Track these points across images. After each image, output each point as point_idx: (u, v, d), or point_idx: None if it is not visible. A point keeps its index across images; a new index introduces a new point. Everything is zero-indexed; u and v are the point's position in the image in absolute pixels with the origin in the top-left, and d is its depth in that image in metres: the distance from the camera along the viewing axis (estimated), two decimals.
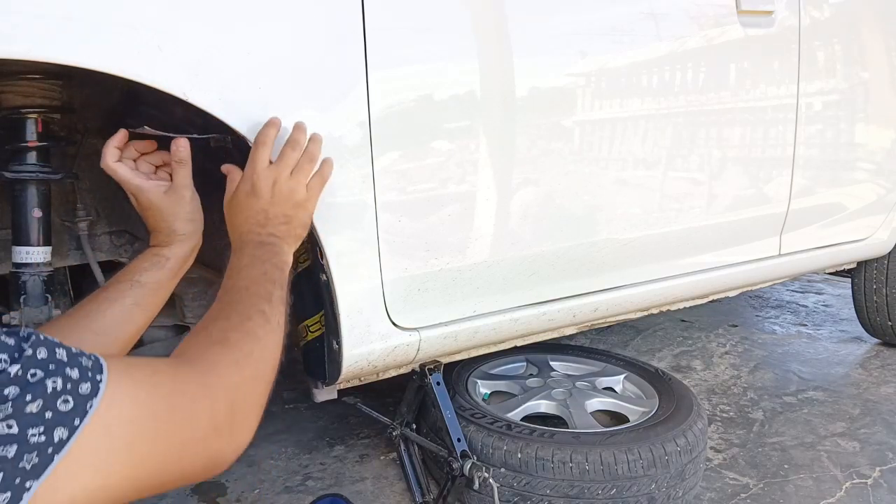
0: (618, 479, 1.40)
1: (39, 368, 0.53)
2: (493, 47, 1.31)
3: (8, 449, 0.50)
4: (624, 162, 1.55)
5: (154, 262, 0.98)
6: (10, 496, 0.51)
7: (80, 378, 0.56)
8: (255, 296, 0.85)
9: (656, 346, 2.69)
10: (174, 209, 0.99)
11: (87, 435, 0.55)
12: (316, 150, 1.05)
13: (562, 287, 1.56)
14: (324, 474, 1.76)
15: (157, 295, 0.98)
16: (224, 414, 0.69)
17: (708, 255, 1.83)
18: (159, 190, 0.99)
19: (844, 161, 2.06)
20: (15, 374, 0.52)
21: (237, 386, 0.72)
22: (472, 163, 1.32)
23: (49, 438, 0.53)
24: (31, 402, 0.52)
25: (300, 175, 1.01)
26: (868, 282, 2.51)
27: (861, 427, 2.01)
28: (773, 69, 1.79)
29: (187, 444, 0.65)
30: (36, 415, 0.52)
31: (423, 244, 1.32)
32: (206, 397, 0.67)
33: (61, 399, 0.53)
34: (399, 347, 1.35)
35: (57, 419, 0.53)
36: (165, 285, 1.00)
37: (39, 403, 0.52)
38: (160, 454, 0.62)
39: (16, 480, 0.51)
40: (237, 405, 0.71)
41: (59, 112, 1.13)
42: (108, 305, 0.93)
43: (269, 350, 0.81)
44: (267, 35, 1.06)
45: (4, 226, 1.20)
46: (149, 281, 0.97)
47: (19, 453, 0.51)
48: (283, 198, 0.99)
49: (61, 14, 0.86)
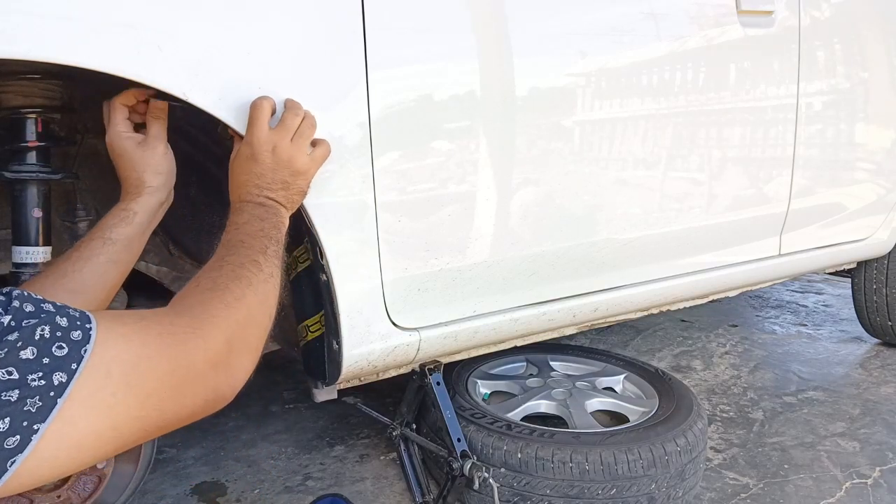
0: (618, 479, 1.40)
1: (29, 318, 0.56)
2: (493, 47, 1.31)
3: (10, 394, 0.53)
4: (624, 162, 1.55)
5: (122, 217, 1.00)
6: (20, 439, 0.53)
7: (70, 326, 0.58)
8: (249, 248, 0.87)
9: (656, 346, 2.69)
10: (145, 160, 1.01)
11: (85, 377, 0.57)
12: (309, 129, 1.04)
13: (562, 287, 1.56)
14: (324, 474, 1.76)
15: (129, 251, 1.00)
16: (220, 351, 0.71)
17: (708, 255, 1.83)
18: (134, 140, 1.01)
19: (844, 161, 2.06)
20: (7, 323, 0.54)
21: (230, 325, 0.74)
22: (472, 163, 1.32)
23: (49, 382, 0.55)
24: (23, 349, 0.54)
25: (301, 141, 1.01)
26: (868, 282, 2.51)
27: (861, 427, 2.01)
28: (773, 69, 1.79)
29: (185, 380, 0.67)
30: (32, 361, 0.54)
31: (423, 244, 1.32)
32: (197, 336, 0.69)
33: (55, 346, 0.56)
34: (399, 347, 1.35)
35: (54, 364, 0.55)
36: (136, 240, 1.01)
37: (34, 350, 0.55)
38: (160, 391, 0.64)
39: (23, 423, 0.53)
40: (233, 343, 0.73)
41: (59, 112, 1.13)
42: (82, 264, 0.94)
43: (262, 295, 0.82)
44: (267, 35, 1.06)
45: (4, 226, 1.20)
46: (119, 237, 0.98)
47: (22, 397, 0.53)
48: (283, 164, 0.98)
49: (61, 14, 0.86)
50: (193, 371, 0.68)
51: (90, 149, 1.34)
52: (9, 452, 0.52)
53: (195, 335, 0.69)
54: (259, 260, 0.85)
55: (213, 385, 0.71)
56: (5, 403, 0.52)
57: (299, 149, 1.00)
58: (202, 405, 0.70)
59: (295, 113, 1.02)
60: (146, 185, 1.01)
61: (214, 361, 0.70)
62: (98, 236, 0.97)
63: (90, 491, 1.29)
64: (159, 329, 0.67)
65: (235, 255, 0.85)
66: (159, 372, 0.64)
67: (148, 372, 0.63)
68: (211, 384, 0.70)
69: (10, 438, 0.52)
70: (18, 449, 0.53)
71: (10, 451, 0.52)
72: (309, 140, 1.03)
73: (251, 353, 0.77)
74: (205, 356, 0.69)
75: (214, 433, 1.96)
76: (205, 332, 0.70)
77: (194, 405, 0.69)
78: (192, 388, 0.68)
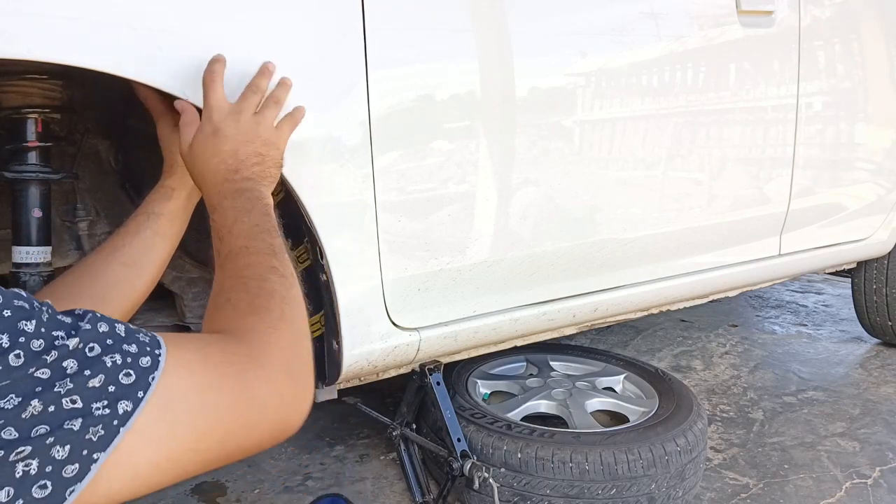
0: (618, 479, 1.40)
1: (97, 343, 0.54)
2: (493, 47, 1.31)
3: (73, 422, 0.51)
4: (624, 162, 1.55)
5: (162, 193, 1.02)
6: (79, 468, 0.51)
7: (139, 353, 0.56)
8: (257, 253, 0.82)
9: (656, 346, 2.69)
10: None
11: (150, 407, 0.55)
12: (283, 93, 0.99)
13: (562, 287, 1.56)
14: (324, 474, 1.76)
15: (172, 225, 1.02)
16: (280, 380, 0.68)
17: (708, 255, 1.83)
18: (174, 122, 1.02)
19: (844, 161, 2.06)
20: (74, 346, 0.53)
21: (284, 348, 0.71)
22: (472, 163, 1.32)
23: (113, 411, 0.53)
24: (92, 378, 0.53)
25: (266, 111, 0.95)
26: (868, 282, 2.51)
27: (861, 427, 2.01)
28: (773, 69, 1.79)
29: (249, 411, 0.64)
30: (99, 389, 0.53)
31: (423, 244, 1.32)
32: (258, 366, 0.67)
33: (123, 373, 0.54)
34: (399, 347, 1.35)
35: (120, 392, 0.54)
36: (179, 215, 1.03)
37: (101, 378, 0.53)
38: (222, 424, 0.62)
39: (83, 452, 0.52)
40: (291, 365, 0.71)
41: (59, 112, 1.13)
42: (130, 238, 0.97)
43: (297, 303, 0.79)
44: (267, 35, 1.06)
45: (4, 226, 1.20)
46: (162, 211, 1.00)
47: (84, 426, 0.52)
48: (251, 135, 0.92)
49: (61, 14, 0.86)
50: (257, 402, 0.65)
51: (90, 149, 1.34)
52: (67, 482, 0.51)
53: (255, 365, 0.66)
54: (275, 265, 0.81)
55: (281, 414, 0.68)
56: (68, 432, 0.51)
57: (265, 117, 0.95)
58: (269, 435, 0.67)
59: (253, 90, 0.95)
60: (179, 164, 1.02)
61: (278, 390, 0.67)
62: (143, 212, 1.00)
63: None
64: (220, 359, 0.64)
65: (249, 266, 0.81)
66: (222, 404, 0.61)
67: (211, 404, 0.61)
68: (279, 413, 0.67)
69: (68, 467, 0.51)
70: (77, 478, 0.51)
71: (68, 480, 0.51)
72: (280, 106, 0.98)
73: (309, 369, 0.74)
74: (268, 386, 0.66)
75: None
76: (263, 361, 0.67)
77: (260, 436, 0.66)
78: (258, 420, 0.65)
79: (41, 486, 0.50)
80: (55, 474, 0.50)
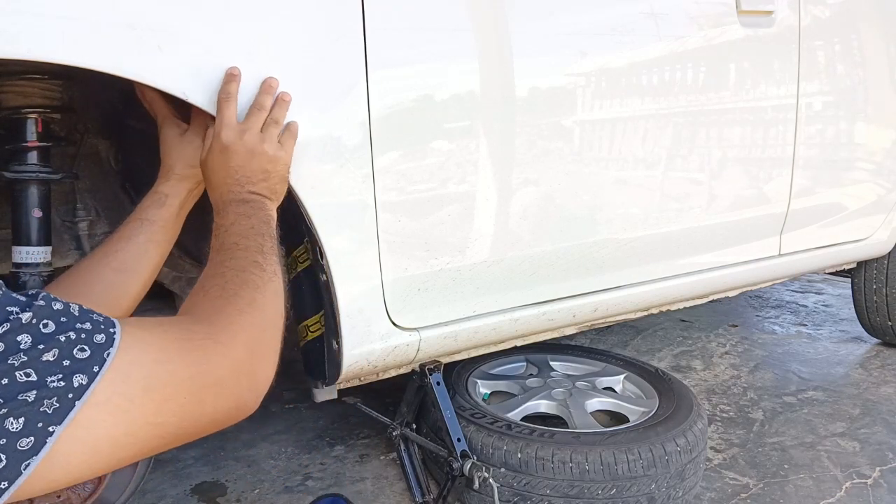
0: (618, 479, 1.40)
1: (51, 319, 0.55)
2: (493, 47, 1.31)
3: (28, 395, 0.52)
4: (624, 162, 1.55)
5: (155, 199, 1.03)
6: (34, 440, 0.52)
7: (94, 330, 0.57)
8: (246, 249, 0.86)
9: (656, 346, 2.69)
10: (180, 150, 1.05)
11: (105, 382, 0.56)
12: (281, 114, 1.03)
13: (562, 287, 1.56)
14: (324, 474, 1.76)
15: (165, 231, 1.03)
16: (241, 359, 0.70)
17: (708, 255, 1.83)
18: (179, 128, 1.05)
19: (844, 161, 2.06)
20: (27, 320, 0.54)
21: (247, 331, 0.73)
22: (472, 163, 1.32)
23: (69, 384, 0.54)
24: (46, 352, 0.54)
25: (270, 129, 1.00)
26: (868, 282, 2.51)
27: (861, 427, 2.01)
28: (773, 69, 1.79)
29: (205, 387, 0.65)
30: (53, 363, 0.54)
31: (423, 244, 1.32)
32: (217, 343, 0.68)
33: (77, 348, 0.55)
34: (399, 347, 1.35)
35: (75, 366, 0.55)
36: (172, 222, 1.04)
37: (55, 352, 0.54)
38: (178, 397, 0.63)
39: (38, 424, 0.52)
40: (253, 349, 0.72)
41: (59, 112, 1.13)
42: (124, 244, 0.99)
43: (271, 296, 0.81)
44: (267, 35, 1.06)
45: (4, 226, 1.20)
46: (155, 218, 1.02)
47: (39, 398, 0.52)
48: (256, 153, 0.97)
49: (61, 14, 0.86)
50: (214, 378, 0.66)
51: (90, 149, 1.34)
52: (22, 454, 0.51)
53: (214, 341, 0.68)
54: (259, 260, 0.84)
55: (237, 393, 0.69)
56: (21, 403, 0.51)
57: (270, 136, 1.00)
58: (225, 413, 0.69)
59: (259, 109, 1.01)
60: (174, 172, 1.04)
61: (236, 369, 0.69)
62: (136, 218, 1.01)
63: (90, 491, 1.29)
64: (178, 335, 0.66)
65: (234, 258, 0.84)
66: (177, 377, 0.63)
67: (166, 377, 0.62)
68: (234, 392, 0.69)
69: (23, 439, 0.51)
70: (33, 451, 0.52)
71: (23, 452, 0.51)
72: (280, 124, 1.02)
73: (272, 357, 0.76)
74: (226, 363, 0.68)
75: (214, 433, 1.95)
76: (224, 339, 0.69)
77: (215, 413, 0.68)
78: (213, 396, 0.66)
79: None
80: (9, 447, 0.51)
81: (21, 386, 0.52)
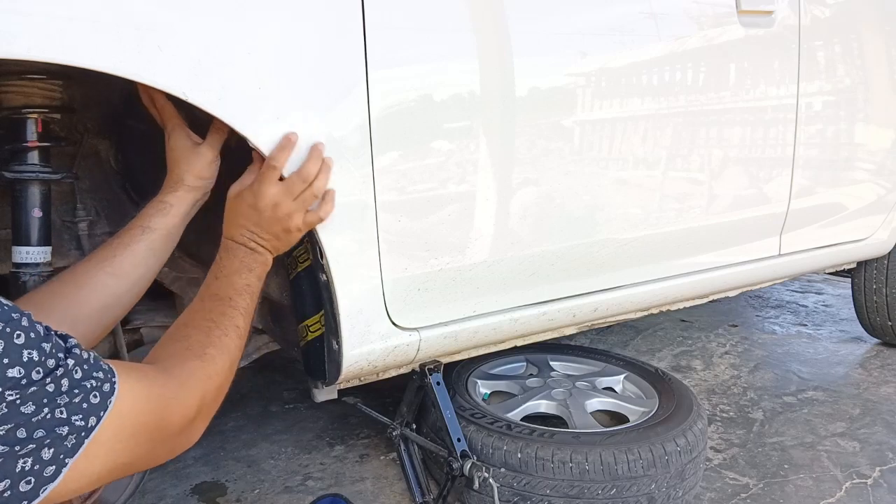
0: (618, 479, 1.40)
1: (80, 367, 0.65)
2: (493, 47, 1.31)
3: (62, 429, 0.62)
4: (624, 162, 1.55)
5: (159, 208, 1.04)
6: (54, 469, 0.62)
7: (104, 378, 0.68)
8: (234, 309, 0.95)
9: (656, 346, 2.69)
10: (191, 162, 1.06)
11: (106, 424, 0.66)
12: (322, 185, 1.08)
13: (562, 287, 1.56)
14: (324, 474, 1.76)
15: (165, 241, 1.04)
16: (191, 417, 0.81)
17: (708, 255, 1.83)
18: (190, 140, 1.06)
19: (844, 161, 2.06)
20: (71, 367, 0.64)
21: (205, 397, 0.83)
22: (472, 163, 1.32)
23: (85, 423, 0.64)
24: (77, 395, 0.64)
25: (301, 203, 1.06)
26: (868, 282, 2.51)
27: (861, 427, 2.01)
28: (774, 69, 1.79)
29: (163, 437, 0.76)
30: (77, 404, 0.64)
31: (423, 244, 1.32)
32: (179, 402, 0.79)
33: (92, 394, 0.66)
34: (399, 347, 1.35)
35: (90, 409, 0.65)
36: (173, 232, 1.05)
37: (81, 396, 0.64)
38: (145, 444, 0.73)
39: (60, 456, 0.62)
40: (203, 408, 0.83)
41: (59, 112, 1.13)
42: (122, 250, 1.00)
43: (236, 358, 0.92)
44: (267, 35, 1.06)
45: (4, 226, 1.20)
46: (157, 227, 1.03)
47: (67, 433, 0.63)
48: (279, 221, 1.03)
49: (61, 14, 0.86)
50: (169, 431, 0.77)
51: (90, 149, 1.34)
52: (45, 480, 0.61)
53: (178, 400, 0.78)
54: (240, 325, 0.93)
55: (176, 444, 0.80)
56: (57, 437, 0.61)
57: (298, 210, 1.05)
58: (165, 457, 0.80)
59: (302, 179, 1.05)
60: (184, 184, 1.05)
61: (184, 426, 0.79)
62: (137, 225, 1.02)
63: (90, 491, 1.29)
64: (158, 390, 0.75)
65: (224, 315, 0.92)
66: (150, 427, 0.73)
67: (144, 426, 0.72)
68: (175, 443, 0.80)
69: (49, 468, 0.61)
70: (51, 479, 0.62)
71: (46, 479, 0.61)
72: (318, 197, 1.08)
73: (209, 418, 0.86)
74: (179, 420, 0.78)
75: (214, 433, 1.96)
76: (185, 400, 0.79)
77: (157, 458, 0.78)
78: (164, 444, 0.77)
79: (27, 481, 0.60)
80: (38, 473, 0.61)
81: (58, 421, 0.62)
